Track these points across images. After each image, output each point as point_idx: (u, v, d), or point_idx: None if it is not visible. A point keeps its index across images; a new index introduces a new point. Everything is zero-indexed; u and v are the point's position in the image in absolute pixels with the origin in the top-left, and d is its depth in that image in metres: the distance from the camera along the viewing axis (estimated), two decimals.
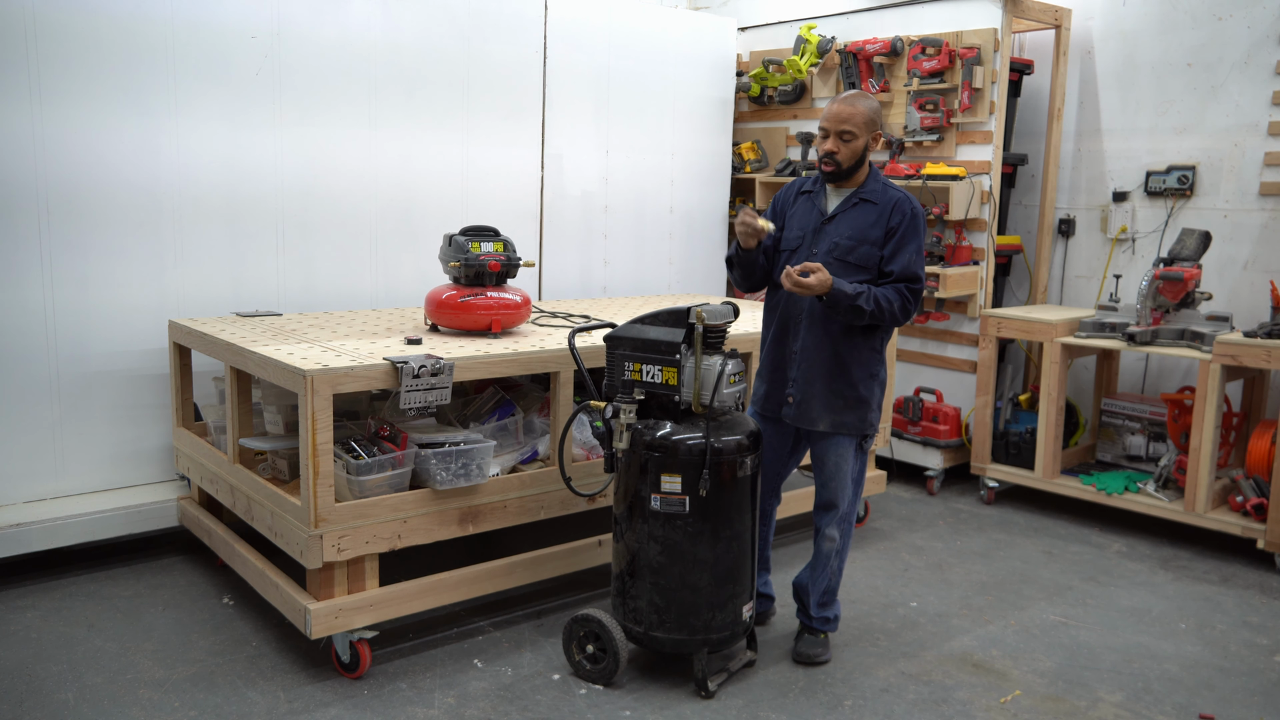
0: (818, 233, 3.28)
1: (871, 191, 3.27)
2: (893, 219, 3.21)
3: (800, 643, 3.43)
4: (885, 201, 3.25)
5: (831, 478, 3.36)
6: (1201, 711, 3.14)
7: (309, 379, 2.99)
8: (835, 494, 3.37)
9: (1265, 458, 4.45)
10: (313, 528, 3.05)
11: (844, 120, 3.18)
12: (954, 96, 5.17)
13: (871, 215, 3.24)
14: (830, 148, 3.21)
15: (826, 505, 3.40)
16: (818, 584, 3.43)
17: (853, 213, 3.26)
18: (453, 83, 4.77)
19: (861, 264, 3.22)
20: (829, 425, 3.30)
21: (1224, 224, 4.95)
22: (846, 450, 3.33)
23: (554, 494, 3.59)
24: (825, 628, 3.45)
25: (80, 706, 2.99)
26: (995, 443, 5.19)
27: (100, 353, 3.99)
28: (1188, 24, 5.01)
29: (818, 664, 3.37)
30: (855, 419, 3.30)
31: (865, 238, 3.22)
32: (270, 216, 4.32)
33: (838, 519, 3.39)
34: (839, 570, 3.45)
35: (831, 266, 3.19)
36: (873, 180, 3.30)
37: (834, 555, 3.41)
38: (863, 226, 3.23)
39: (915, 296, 3.21)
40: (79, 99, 3.82)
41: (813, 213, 3.32)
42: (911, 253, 3.21)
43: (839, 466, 3.34)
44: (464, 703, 3.07)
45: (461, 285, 3.71)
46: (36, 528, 3.73)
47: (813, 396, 3.29)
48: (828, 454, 3.35)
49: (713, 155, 5.93)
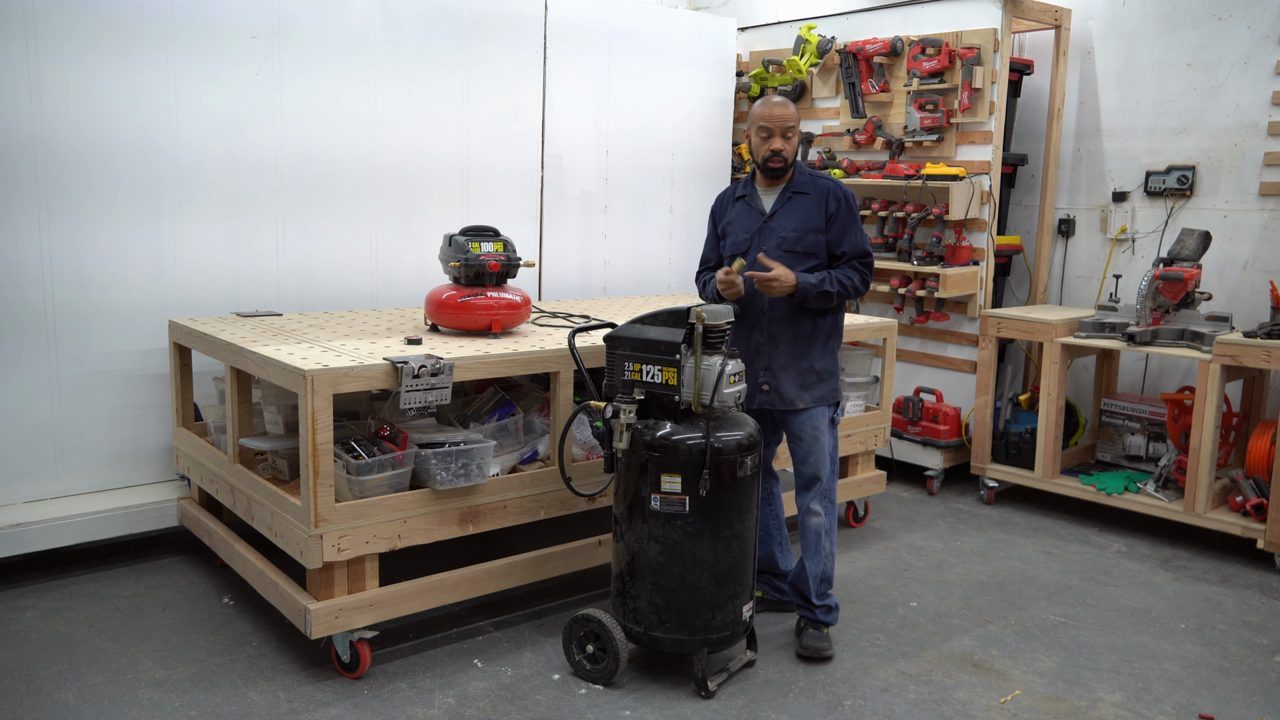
0: (761, 231, 3.49)
1: (801, 184, 3.50)
2: (830, 205, 3.46)
3: (805, 636, 3.44)
4: (817, 191, 3.48)
5: (810, 450, 3.49)
6: (1201, 711, 3.14)
7: (309, 379, 2.99)
8: (816, 466, 3.49)
9: (1265, 458, 4.45)
10: (313, 528, 3.05)
11: (788, 120, 3.42)
12: (954, 96, 5.17)
13: (808, 205, 3.47)
14: (778, 146, 3.41)
15: (809, 481, 3.52)
16: (813, 571, 3.48)
17: (790, 206, 3.48)
18: (452, 83, 4.77)
19: (809, 251, 3.45)
20: (809, 401, 3.49)
21: (1224, 224, 4.95)
22: (822, 420, 3.51)
23: (554, 494, 3.59)
24: (827, 618, 3.48)
25: (80, 706, 2.99)
26: (995, 443, 5.19)
27: (100, 352, 4.00)
28: (1188, 24, 5.01)
29: (823, 658, 3.38)
30: (828, 389, 3.53)
31: (808, 226, 3.45)
32: (272, 205, 4.33)
33: (820, 493, 3.50)
34: (831, 554, 3.52)
35: (783, 259, 3.42)
36: (799, 174, 3.53)
37: (823, 534, 3.48)
38: (803, 217, 3.46)
39: (869, 268, 3.50)
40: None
41: (752, 214, 3.54)
42: (855, 231, 3.48)
43: (816, 438, 3.49)
44: (464, 703, 3.07)
45: (461, 285, 3.71)
46: (36, 528, 3.73)
47: (786, 380, 3.48)
48: (804, 427, 3.50)
49: (713, 155, 5.93)
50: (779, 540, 3.76)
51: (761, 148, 3.43)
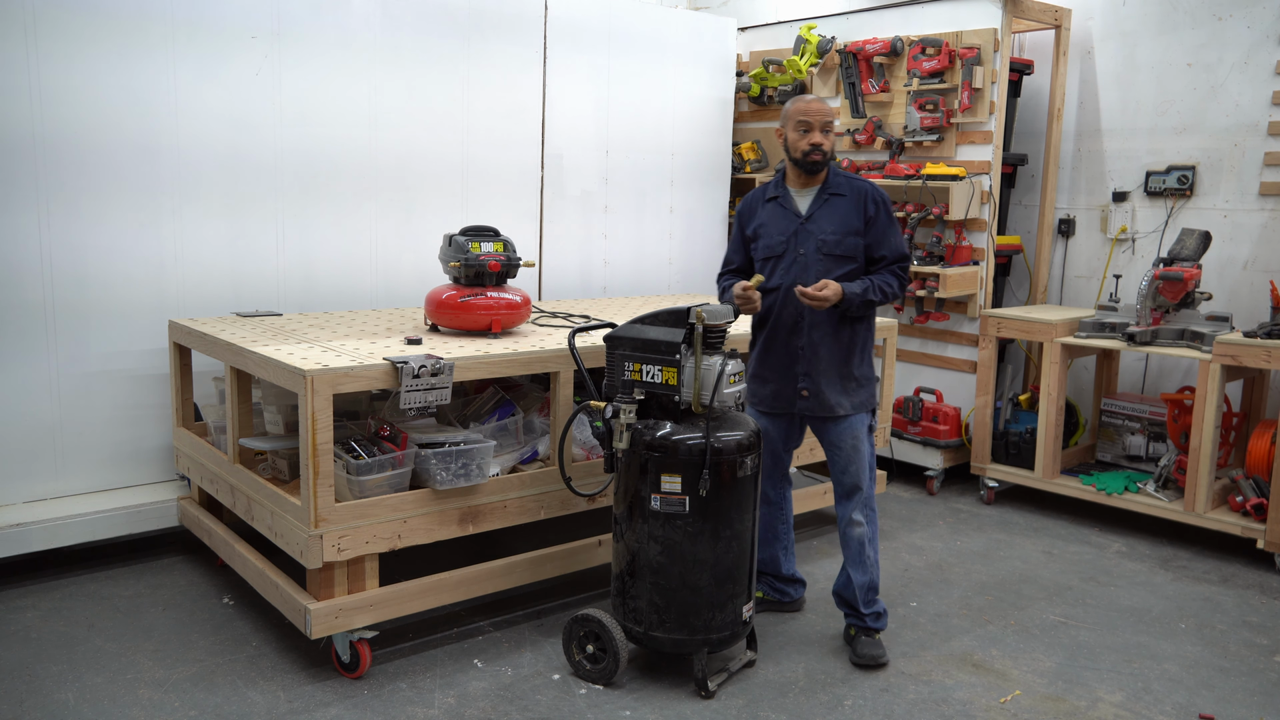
0: (798, 233, 3.43)
1: (838, 185, 3.44)
2: (868, 208, 3.41)
3: (858, 645, 3.42)
4: (855, 192, 3.43)
5: (850, 459, 3.45)
6: (1201, 711, 3.14)
7: (309, 379, 2.99)
8: (857, 475, 3.45)
9: (1265, 458, 4.45)
10: (313, 528, 3.05)
11: (827, 114, 3.37)
12: (954, 96, 5.17)
13: (846, 207, 3.41)
14: (818, 139, 3.36)
15: (850, 490, 3.47)
16: (860, 581, 3.45)
17: (827, 208, 3.42)
18: (453, 82, 4.77)
19: (848, 254, 3.40)
20: (849, 408, 3.43)
21: (1224, 224, 4.95)
22: (861, 428, 3.46)
23: (554, 494, 3.59)
24: (878, 624, 3.47)
25: (80, 706, 2.99)
26: (995, 443, 5.19)
27: (100, 352, 4.00)
28: (1188, 24, 5.01)
29: (879, 665, 3.37)
30: (867, 395, 3.48)
31: (848, 229, 3.40)
32: (272, 205, 4.33)
33: (861, 502, 3.45)
34: (875, 562, 3.48)
35: (821, 261, 3.39)
36: (834, 175, 3.47)
37: (867, 543, 3.45)
38: (842, 219, 3.40)
39: (906, 272, 3.47)
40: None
41: (787, 216, 3.46)
42: (894, 235, 3.45)
43: (856, 447, 3.45)
44: (464, 703, 3.07)
45: (461, 285, 3.71)
46: (36, 528, 3.73)
47: (827, 386, 3.42)
48: (844, 436, 3.45)
49: (713, 155, 5.93)
50: (784, 543, 3.74)
51: (800, 142, 3.36)
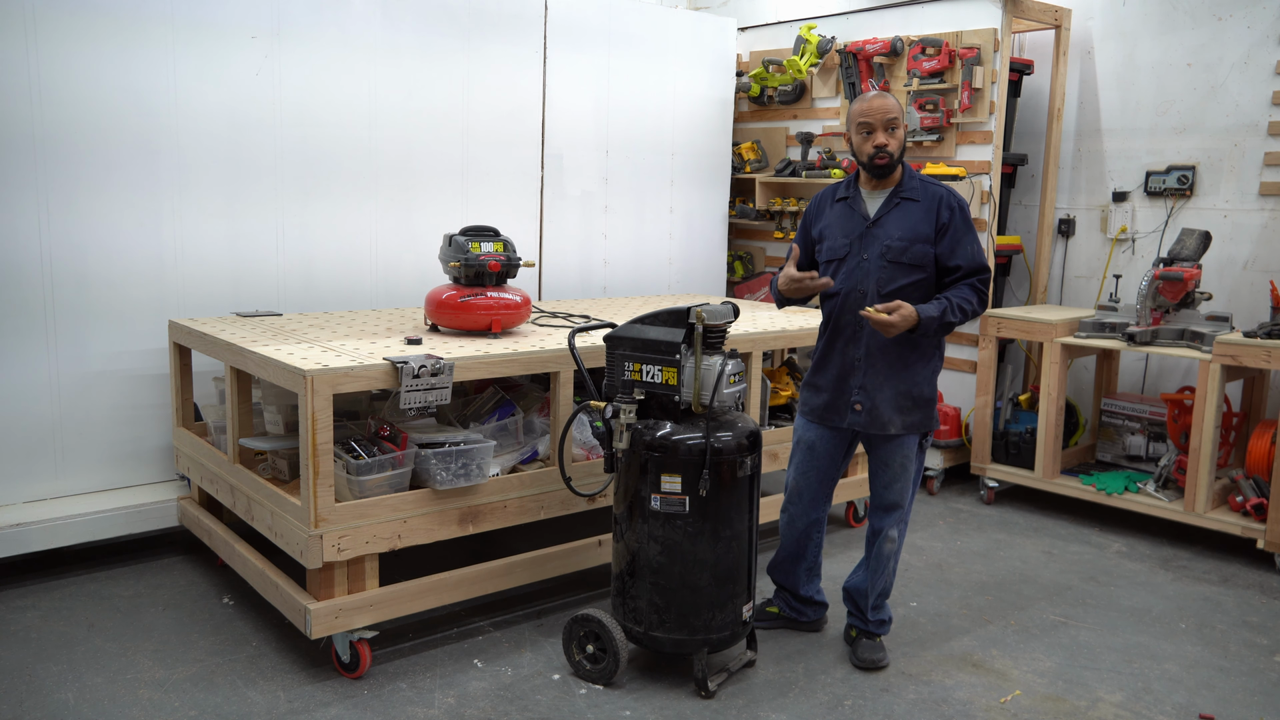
0: (863, 237, 3.25)
1: (912, 189, 3.25)
2: (942, 214, 3.20)
3: (859, 647, 3.40)
4: (929, 198, 3.22)
5: (896, 478, 3.33)
6: (1201, 711, 3.14)
7: (309, 379, 2.99)
8: (900, 494, 3.35)
9: (1265, 458, 4.45)
10: (313, 528, 3.05)
11: (889, 111, 3.17)
12: (954, 96, 5.17)
13: (917, 213, 3.21)
14: (882, 141, 3.17)
15: (890, 506, 3.36)
16: (875, 586, 3.41)
17: (896, 213, 3.23)
18: (452, 82, 4.77)
19: (915, 263, 3.20)
20: (900, 427, 3.26)
21: (1224, 224, 4.95)
22: (912, 449, 3.32)
23: (554, 494, 3.59)
24: (881, 630, 3.44)
25: (80, 706, 2.99)
26: (995, 443, 5.18)
27: (100, 352, 4.00)
28: (1188, 24, 5.01)
29: (879, 668, 3.35)
30: (923, 417, 3.29)
31: (917, 236, 3.19)
32: (272, 205, 4.33)
33: (898, 520, 3.38)
34: (894, 571, 3.44)
35: (884, 269, 3.20)
36: (909, 178, 3.28)
37: (892, 557, 3.40)
38: (911, 225, 3.20)
39: (986, 285, 3.23)
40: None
41: (854, 218, 3.28)
42: (971, 243, 3.22)
43: (905, 466, 3.32)
44: (464, 703, 3.07)
45: (461, 285, 3.71)
46: (36, 528, 3.73)
47: (882, 402, 3.25)
48: (894, 455, 3.31)
49: (713, 155, 5.93)
50: (810, 564, 3.57)
51: (864, 145, 3.19)
